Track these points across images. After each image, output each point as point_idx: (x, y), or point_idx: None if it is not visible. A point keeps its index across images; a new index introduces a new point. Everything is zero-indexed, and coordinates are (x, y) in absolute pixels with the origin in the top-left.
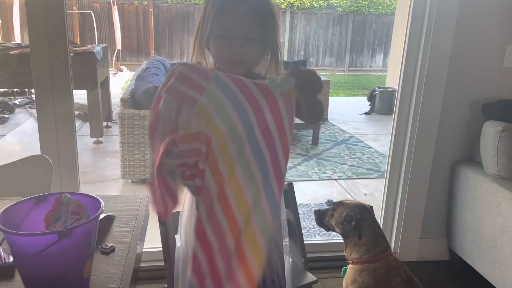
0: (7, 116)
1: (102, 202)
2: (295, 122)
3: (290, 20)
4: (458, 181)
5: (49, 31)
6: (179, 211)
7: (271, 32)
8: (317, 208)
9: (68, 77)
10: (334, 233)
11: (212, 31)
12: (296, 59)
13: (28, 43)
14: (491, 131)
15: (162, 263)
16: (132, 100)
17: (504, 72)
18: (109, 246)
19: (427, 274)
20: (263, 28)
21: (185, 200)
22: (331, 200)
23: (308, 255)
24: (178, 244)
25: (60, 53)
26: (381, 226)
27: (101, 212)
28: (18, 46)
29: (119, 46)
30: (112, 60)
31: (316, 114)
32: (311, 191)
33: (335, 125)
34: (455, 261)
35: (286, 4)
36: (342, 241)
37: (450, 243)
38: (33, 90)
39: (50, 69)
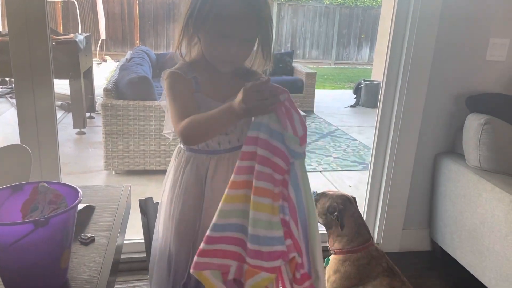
0: None
1: (81, 192)
2: None
3: (277, 12)
4: (440, 173)
5: (29, 19)
6: (159, 202)
7: (267, 31)
8: None
9: (48, 66)
10: (318, 224)
11: (211, 28)
12: (282, 51)
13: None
14: (473, 123)
15: (144, 255)
16: (116, 90)
17: (487, 65)
18: (89, 236)
19: (409, 264)
20: (260, 29)
21: (164, 190)
22: (315, 191)
23: None
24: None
25: (40, 42)
26: (364, 217)
27: (79, 202)
28: None
29: (103, 36)
30: (96, 50)
31: None
32: None
33: (321, 118)
34: (436, 251)
35: None
36: (325, 231)
37: (432, 233)
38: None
39: (30, 58)
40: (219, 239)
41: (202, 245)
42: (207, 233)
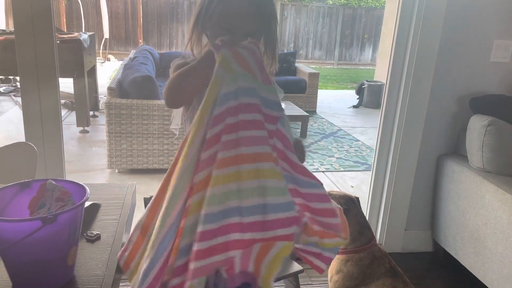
0: None
1: (88, 189)
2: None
3: (281, 12)
4: (443, 174)
5: (34, 17)
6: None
7: (271, 30)
8: None
9: (54, 65)
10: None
11: (217, 23)
12: (286, 51)
13: (13, 29)
14: (477, 125)
15: None
16: (120, 89)
17: (491, 66)
18: (95, 234)
19: (411, 265)
20: (265, 26)
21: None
22: None
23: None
24: None
25: (46, 40)
26: (367, 218)
27: (87, 199)
28: (3, 32)
29: (106, 35)
30: (100, 49)
31: None
32: None
33: (323, 118)
34: (438, 252)
35: None
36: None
37: (434, 235)
38: (18, 78)
39: (36, 56)
40: (218, 230)
41: (197, 246)
42: (200, 228)
